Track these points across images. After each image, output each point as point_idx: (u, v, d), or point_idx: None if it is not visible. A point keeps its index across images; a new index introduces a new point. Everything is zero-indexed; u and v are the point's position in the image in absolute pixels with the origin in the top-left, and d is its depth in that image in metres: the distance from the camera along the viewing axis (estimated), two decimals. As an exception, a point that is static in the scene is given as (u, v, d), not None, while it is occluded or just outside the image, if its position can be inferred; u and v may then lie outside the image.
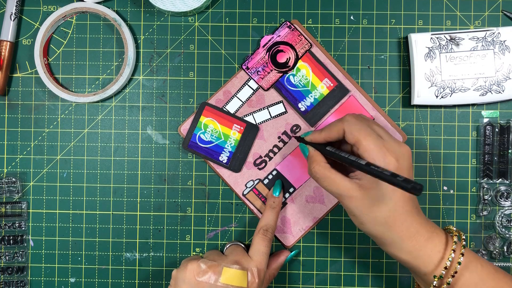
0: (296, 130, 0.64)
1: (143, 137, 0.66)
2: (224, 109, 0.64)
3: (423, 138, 0.64)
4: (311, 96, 0.64)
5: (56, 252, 0.66)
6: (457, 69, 0.62)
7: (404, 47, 0.65)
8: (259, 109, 0.64)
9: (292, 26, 0.64)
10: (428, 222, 0.52)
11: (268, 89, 0.64)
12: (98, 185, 0.65)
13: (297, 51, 0.64)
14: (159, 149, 0.65)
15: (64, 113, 0.66)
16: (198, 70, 0.65)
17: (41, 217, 0.66)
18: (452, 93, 0.62)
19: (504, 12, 0.63)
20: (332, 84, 0.64)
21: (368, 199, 0.50)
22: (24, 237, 0.65)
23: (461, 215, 0.64)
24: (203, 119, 0.64)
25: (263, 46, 0.64)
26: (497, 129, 0.63)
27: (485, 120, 0.64)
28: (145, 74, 0.65)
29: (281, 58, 0.64)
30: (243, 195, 0.64)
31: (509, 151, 0.63)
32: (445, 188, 0.64)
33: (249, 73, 0.64)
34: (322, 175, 0.53)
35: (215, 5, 0.65)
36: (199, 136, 0.64)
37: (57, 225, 0.66)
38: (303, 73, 0.64)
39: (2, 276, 0.65)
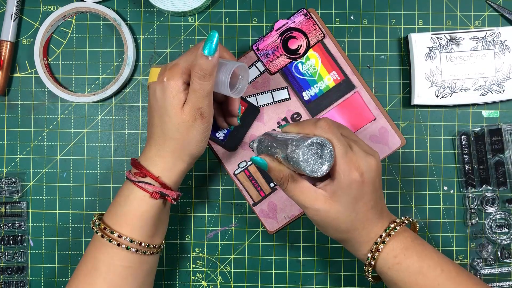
0: (297, 118, 0.64)
1: (143, 137, 0.65)
2: None
3: (423, 138, 0.64)
4: (317, 87, 0.64)
5: (56, 252, 0.66)
6: (457, 69, 0.62)
7: (404, 47, 0.64)
8: (263, 92, 0.64)
9: (308, 14, 0.63)
10: (388, 220, 0.53)
11: (274, 73, 0.64)
12: (97, 185, 0.65)
13: (310, 39, 0.64)
14: (159, 149, 0.65)
15: (64, 113, 0.66)
16: (198, 70, 0.65)
17: (40, 217, 0.66)
18: (452, 93, 0.62)
19: (489, 2, 0.63)
20: (339, 78, 0.64)
21: (333, 212, 0.50)
22: (23, 237, 0.65)
23: (461, 215, 0.64)
24: None
25: (277, 30, 0.64)
26: (472, 138, 0.63)
27: (458, 131, 0.64)
28: (145, 74, 0.65)
29: (293, 45, 0.64)
30: (234, 174, 0.64)
31: (504, 155, 0.63)
32: (445, 188, 0.64)
33: (258, 54, 0.64)
34: (291, 184, 0.51)
35: (215, 5, 0.65)
36: None
37: (56, 225, 0.66)
38: (312, 62, 0.64)
39: (2, 276, 0.65)
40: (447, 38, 0.62)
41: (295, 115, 0.64)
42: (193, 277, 0.65)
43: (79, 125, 0.66)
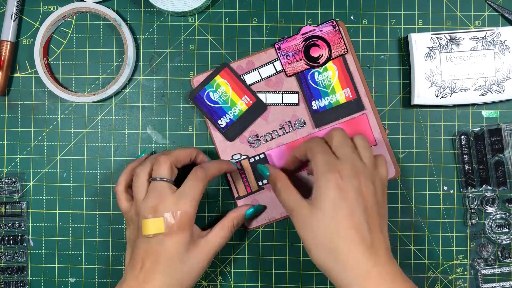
0: (301, 126, 0.64)
1: (143, 137, 0.66)
2: (242, 77, 0.64)
3: (423, 138, 0.64)
4: (327, 99, 0.64)
5: (56, 252, 0.66)
6: (457, 69, 0.62)
7: (404, 47, 0.65)
8: (274, 91, 0.64)
9: (337, 26, 0.63)
10: (389, 268, 0.48)
11: (290, 76, 0.64)
12: (98, 185, 0.65)
13: (332, 51, 0.64)
14: (159, 149, 0.65)
15: (64, 113, 0.66)
16: (198, 70, 0.65)
17: (41, 217, 0.66)
18: (452, 93, 0.62)
19: (489, 2, 0.63)
20: (351, 96, 0.64)
21: (313, 219, 0.50)
22: (24, 237, 0.65)
23: (461, 215, 0.64)
24: (218, 79, 0.64)
25: (302, 34, 0.64)
26: (471, 138, 0.63)
27: (458, 131, 0.64)
28: (145, 74, 0.65)
29: (314, 52, 0.64)
30: None
31: (500, 155, 0.63)
32: (445, 188, 0.64)
33: (279, 53, 0.64)
34: (283, 188, 0.55)
35: (215, 5, 0.65)
36: (208, 93, 0.64)
37: (57, 225, 0.66)
38: (329, 74, 0.64)
39: (2, 276, 0.65)
40: (447, 38, 0.62)
41: (299, 122, 0.64)
42: (193, 277, 0.65)
43: (79, 125, 0.66)
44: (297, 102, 0.64)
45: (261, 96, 0.64)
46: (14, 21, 0.64)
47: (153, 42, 0.65)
